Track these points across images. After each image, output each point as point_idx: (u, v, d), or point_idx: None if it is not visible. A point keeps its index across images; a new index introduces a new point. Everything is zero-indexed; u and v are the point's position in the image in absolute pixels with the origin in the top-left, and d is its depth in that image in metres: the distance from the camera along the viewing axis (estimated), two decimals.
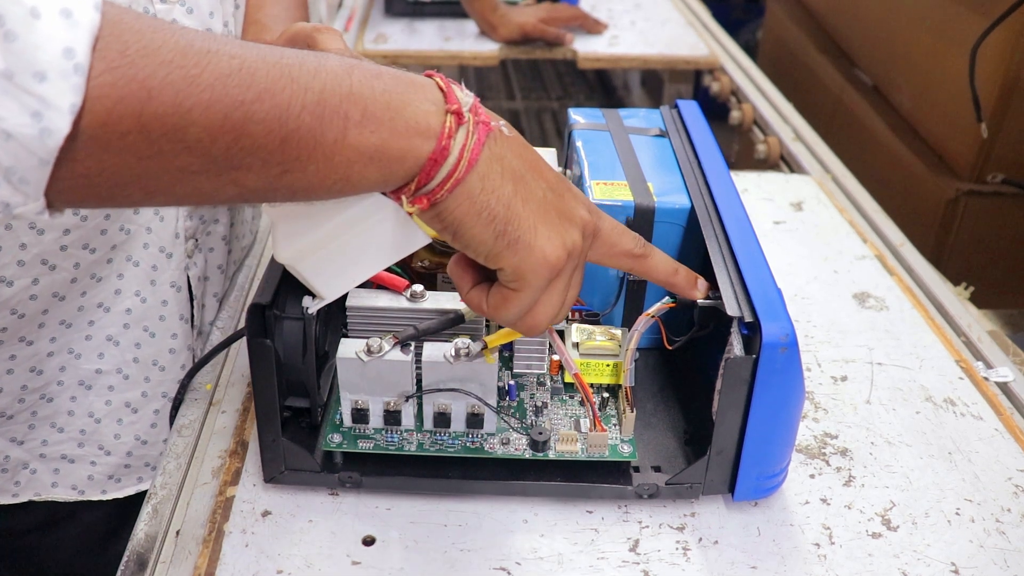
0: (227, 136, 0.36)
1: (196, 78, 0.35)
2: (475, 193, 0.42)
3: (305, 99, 0.38)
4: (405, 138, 0.40)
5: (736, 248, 0.57)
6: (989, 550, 0.55)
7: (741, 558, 0.54)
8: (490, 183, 0.42)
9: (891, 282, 0.81)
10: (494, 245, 0.43)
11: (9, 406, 0.68)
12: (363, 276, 0.54)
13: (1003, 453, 0.62)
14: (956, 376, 0.70)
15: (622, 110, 0.75)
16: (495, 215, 0.42)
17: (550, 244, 0.44)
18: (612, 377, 0.60)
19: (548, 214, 0.44)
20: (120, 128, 0.34)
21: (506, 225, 0.43)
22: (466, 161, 0.41)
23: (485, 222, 0.42)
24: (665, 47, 1.40)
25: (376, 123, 0.39)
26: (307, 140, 0.38)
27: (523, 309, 0.45)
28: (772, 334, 0.50)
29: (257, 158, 0.37)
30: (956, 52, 1.26)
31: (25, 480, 0.71)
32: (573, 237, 0.45)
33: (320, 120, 0.38)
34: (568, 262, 0.45)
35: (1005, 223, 1.32)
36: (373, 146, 0.39)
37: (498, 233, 0.43)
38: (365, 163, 0.40)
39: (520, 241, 0.43)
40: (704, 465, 0.55)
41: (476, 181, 0.42)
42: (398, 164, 0.40)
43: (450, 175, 0.41)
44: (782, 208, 0.94)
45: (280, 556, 0.53)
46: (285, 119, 0.37)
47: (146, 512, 0.58)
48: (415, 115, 0.40)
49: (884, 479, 0.60)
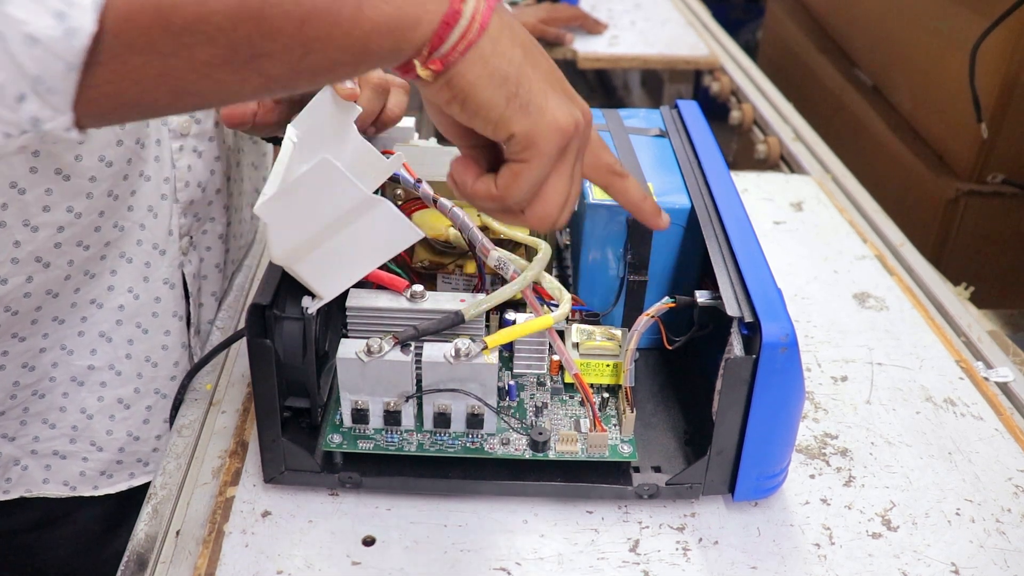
0: (247, 23, 0.36)
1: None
2: (487, 55, 0.42)
3: None
4: (418, 3, 0.40)
5: (736, 248, 0.57)
6: (989, 550, 0.55)
7: (741, 558, 0.54)
8: (501, 47, 0.42)
9: (891, 282, 0.81)
10: (506, 108, 0.43)
11: (1, 402, 0.68)
12: (359, 274, 0.54)
13: (1003, 453, 0.62)
14: (956, 376, 0.70)
15: (622, 110, 0.75)
16: (507, 77, 0.42)
17: (560, 110, 0.44)
18: (612, 377, 0.60)
19: (555, 86, 0.44)
20: (142, 22, 0.34)
21: (517, 87, 0.43)
22: (478, 23, 0.41)
23: (497, 84, 0.42)
24: (665, 47, 1.40)
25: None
26: (325, 18, 0.38)
27: (534, 183, 0.45)
28: (772, 334, 0.50)
29: (278, 43, 0.37)
30: (956, 52, 1.26)
31: (16, 477, 0.71)
32: (577, 114, 0.45)
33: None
34: (575, 135, 0.45)
35: (1005, 223, 1.32)
36: (388, 15, 0.39)
37: (510, 95, 0.43)
38: (382, 34, 0.40)
39: (532, 104, 0.43)
40: (704, 465, 0.55)
41: (488, 43, 0.42)
42: (412, 31, 0.40)
43: (463, 36, 0.41)
44: (782, 208, 0.94)
45: (280, 556, 0.53)
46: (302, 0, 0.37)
47: (146, 512, 0.58)
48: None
49: (884, 479, 0.60)
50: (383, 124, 0.65)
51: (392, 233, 0.51)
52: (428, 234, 0.62)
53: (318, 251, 0.52)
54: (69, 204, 0.63)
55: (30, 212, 0.62)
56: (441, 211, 0.59)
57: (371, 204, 0.50)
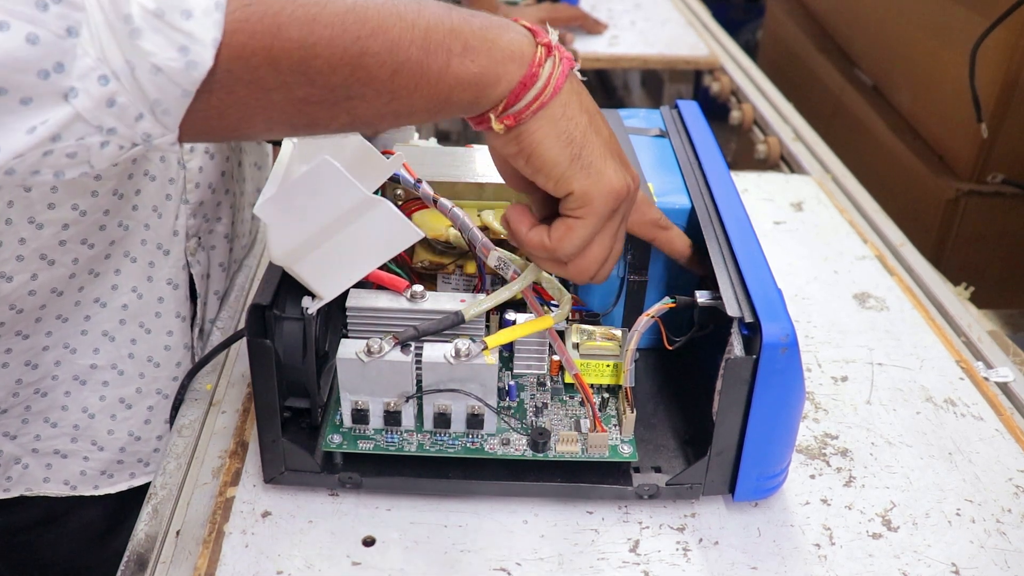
0: (345, 68, 0.40)
1: (318, 16, 0.39)
2: (556, 117, 0.46)
3: (413, 35, 0.41)
4: (501, 64, 0.44)
5: (736, 248, 0.57)
6: (990, 551, 0.55)
7: (741, 559, 0.54)
8: (570, 111, 0.46)
9: (891, 282, 0.81)
10: (568, 167, 0.46)
11: (3, 400, 0.68)
12: (359, 275, 0.54)
13: (1003, 453, 0.62)
14: (956, 376, 0.69)
15: (622, 110, 0.75)
16: (572, 139, 0.46)
17: (616, 175, 0.47)
18: (612, 377, 0.60)
19: (613, 152, 0.48)
20: (253, 61, 0.38)
21: (581, 149, 0.46)
22: (552, 87, 0.45)
23: (563, 144, 0.46)
24: (665, 47, 1.40)
25: (475, 53, 0.43)
26: (415, 71, 0.42)
27: (585, 239, 0.48)
28: (772, 334, 0.50)
29: (371, 88, 0.41)
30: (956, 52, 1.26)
31: (17, 475, 0.71)
32: (629, 180, 0.48)
33: (426, 53, 0.42)
34: (626, 199, 0.48)
35: (1005, 223, 1.32)
36: (473, 74, 0.44)
37: (573, 156, 0.46)
38: (464, 88, 0.44)
39: (593, 166, 0.47)
40: (704, 465, 0.55)
41: (558, 107, 0.46)
42: (492, 88, 0.44)
43: (536, 97, 0.45)
44: (782, 208, 0.94)
45: (280, 557, 0.53)
46: (396, 52, 0.41)
47: (146, 512, 0.58)
48: (510, 45, 0.44)
49: (884, 479, 0.60)
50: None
51: (392, 233, 0.51)
52: (428, 234, 0.62)
53: (318, 251, 0.52)
54: (74, 202, 0.63)
55: (35, 209, 0.62)
56: (441, 211, 0.59)
57: (371, 204, 0.50)
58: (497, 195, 0.67)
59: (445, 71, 0.43)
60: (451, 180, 0.66)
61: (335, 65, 0.40)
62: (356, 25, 0.40)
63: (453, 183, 0.66)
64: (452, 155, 0.70)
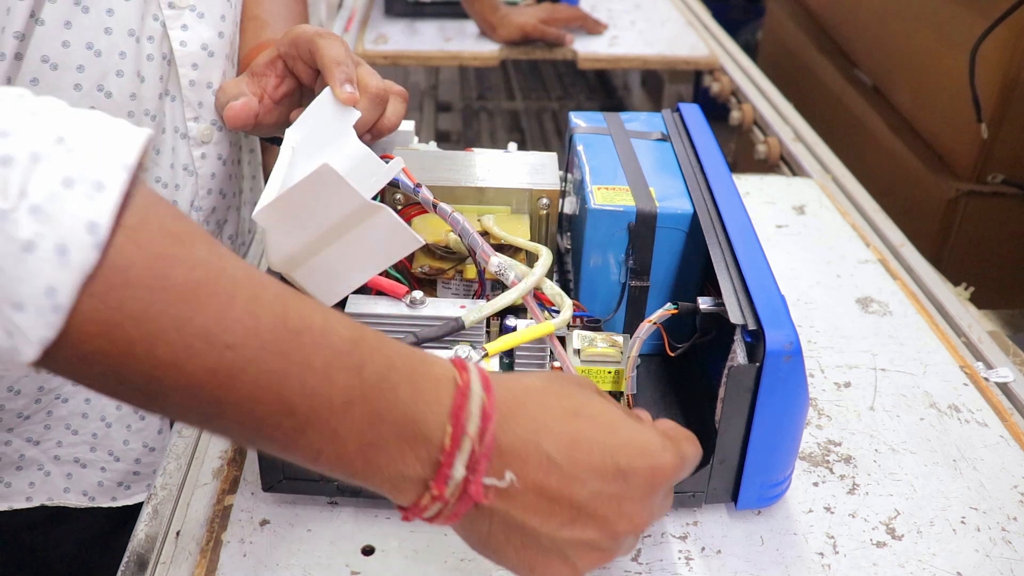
0: (206, 411, 0.36)
1: (183, 364, 0.34)
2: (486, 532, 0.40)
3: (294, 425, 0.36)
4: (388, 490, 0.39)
5: (739, 254, 0.57)
6: (995, 559, 0.54)
7: (744, 567, 0.53)
8: (471, 538, 0.41)
9: (894, 287, 0.81)
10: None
11: (27, 407, 0.68)
12: (358, 282, 0.53)
13: (1008, 460, 0.62)
14: (960, 382, 0.69)
15: (623, 114, 0.75)
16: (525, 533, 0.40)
17: (636, 518, 0.41)
18: (614, 384, 0.59)
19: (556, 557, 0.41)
20: (93, 369, 0.34)
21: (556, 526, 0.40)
22: (443, 519, 0.39)
23: (517, 546, 0.41)
24: (665, 47, 1.40)
25: (359, 475, 0.38)
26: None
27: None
28: (776, 342, 0.50)
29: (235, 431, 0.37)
30: (956, 52, 1.25)
31: (39, 482, 0.71)
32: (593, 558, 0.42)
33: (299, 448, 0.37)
34: (668, 478, 0.42)
35: (1005, 223, 1.32)
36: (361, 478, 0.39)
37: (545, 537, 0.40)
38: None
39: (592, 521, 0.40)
40: (707, 474, 0.54)
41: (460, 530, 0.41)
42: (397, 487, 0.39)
43: (433, 517, 0.40)
44: (784, 212, 0.93)
45: (278, 566, 0.52)
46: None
47: (146, 513, 0.57)
48: (392, 477, 0.38)
49: (888, 487, 0.59)
50: (379, 133, 0.64)
51: (392, 240, 0.51)
52: (428, 239, 0.61)
53: (317, 257, 0.52)
54: None
55: None
56: (441, 216, 0.58)
57: (371, 211, 0.49)
58: (497, 199, 0.66)
59: (330, 463, 0.38)
60: (451, 184, 0.65)
61: (192, 405, 0.35)
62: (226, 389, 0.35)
63: (453, 187, 0.65)
64: (452, 159, 0.69)
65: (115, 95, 0.62)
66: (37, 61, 0.59)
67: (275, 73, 0.67)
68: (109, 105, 0.62)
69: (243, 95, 0.66)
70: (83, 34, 0.60)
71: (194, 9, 0.67)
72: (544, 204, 0.66)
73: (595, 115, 0.74)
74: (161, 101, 0.66)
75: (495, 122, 1.76)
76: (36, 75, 0.59)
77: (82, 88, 0.61)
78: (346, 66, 0.61)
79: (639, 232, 0.61)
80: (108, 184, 0.33)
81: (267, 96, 0.67)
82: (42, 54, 0.59)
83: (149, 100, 0.65)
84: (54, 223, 0.32)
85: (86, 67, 0.61)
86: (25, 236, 0.32)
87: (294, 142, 0.61)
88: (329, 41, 0.62)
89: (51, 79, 0.60)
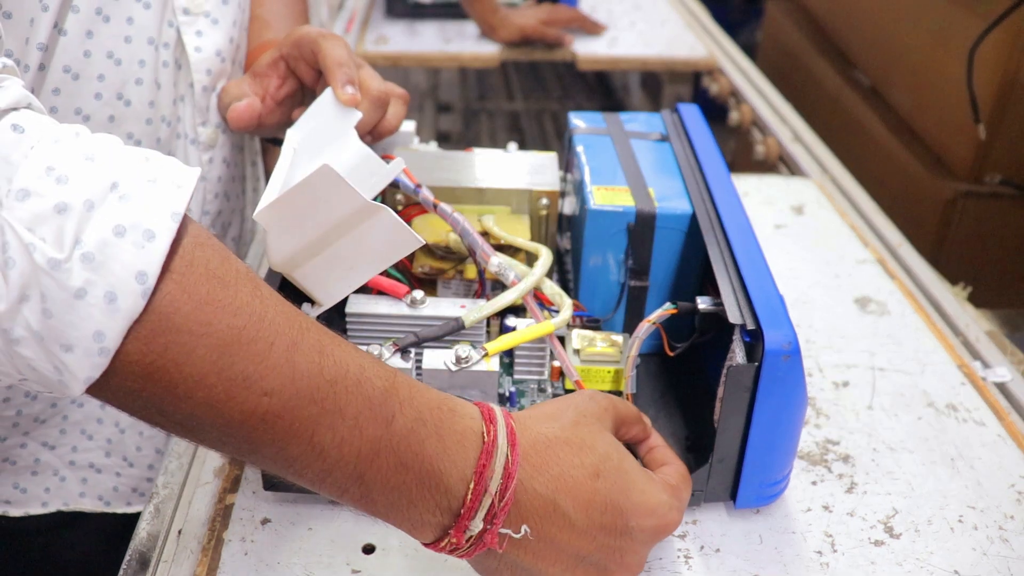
0: (241, 447, 0.38)
1: (221, 407, 0.36)
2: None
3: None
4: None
5: (738, 254, 0.57)
6: (992, 558, 0.54)
7: (743, 566, 0.53)
8: (479, 569, 0.44)
9: (892, 286, 0.81)
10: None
11: (43, 411, 0.68)
12: (359, 282, 0.54)
13: (1006, 459, 0.62)
14: (958, 381, 0.69)
15: (623, 114, 0.75)
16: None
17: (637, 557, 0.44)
18: (613, 383, 0.59)
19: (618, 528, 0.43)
20: (135, 403, 0.36)
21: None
22: (457, 555, 0.42)
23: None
24: (664, 48, 1.40)
25: (381, 515, 0.41)
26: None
27: None
28: (775, 342, 0.50)
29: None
30: (954, 53, 1.25)
31: (54, 488, 0.71)
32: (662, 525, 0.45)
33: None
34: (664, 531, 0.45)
35: (1003, 224, 1.32)
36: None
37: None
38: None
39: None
40: (706, 472, 0.54)
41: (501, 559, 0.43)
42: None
43: (448, 552, 0.42)
44: (783, 212, 0.93)
45: (280, 565, 0.52)
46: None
47: (148, 511, 0.58)
48: (412, 520, 0.41)
49: (886, 486, 0.59)
50: (380, 135, 0.65)
51: (392, 240, 0.51)
52: (428, 239, 0.62)
53: (318, 257, 0.52)
54: None
55: None
56: (441, 216, 0.59)
57: (371, 211, 0.49)
58: (497, 199, 0.66)
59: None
60: (451, 185, 0.66)
61: (228, 440, 0.38)
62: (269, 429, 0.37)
63: (453, 188, 0.66)
64: (452, 159, 0.69)
65: (134, 103, 0.62)
66: (59, 71, 0.59)
67: (277, 74, 0.68)
68: (128, 113, 0.62)
69: (246, 96, 0.67)
70: (104, 43, 0.60)
71: (208, 15, 0.67)
72: (544, 204, 0.66)
73: (594, 115, 0.74)
74: (176, 107, 0.66)
75: (495, 123, 1.76)
76: (58, 85, 0.59)
77: (102, 97, 0.61)
78: (348, 67, 0.61)
79: (638, 232, 0.62)
80: (158, 233, 0.34)
81: (269, 97, 0.68)
82: (64, 64, 0.59)
83: (165, 106, 0.65)
84: (104, 271, 0.34)
85: (107, 76, 0.61)
86: (77, 284, 0.33)
87: (295, 142, 0.61)
88: (332, 42, 0.62)
89: (72, 89, 0.59)
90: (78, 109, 0.60)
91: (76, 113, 0.60)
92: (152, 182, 0.36)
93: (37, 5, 0.55)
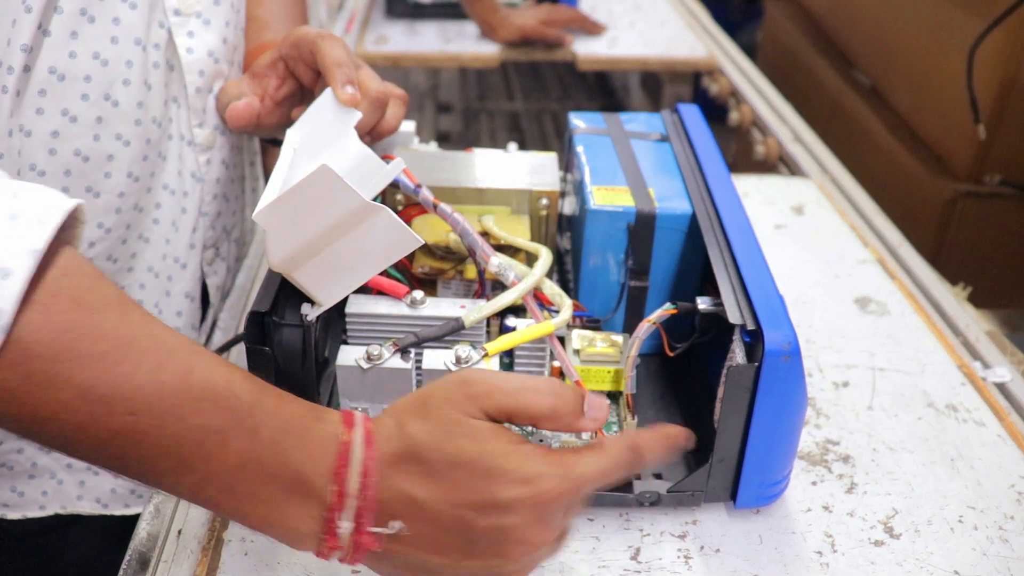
0: (113, 464, 0.39)
1: (87, 427, 0.37)
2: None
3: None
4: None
5: (738, 254, 0.57)
6: (992, 558, 0.54)
7: (743, 566, 0.53)
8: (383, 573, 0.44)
9: (892, 286, 0.81)
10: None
11: None
12: (358, 281, 0.53)
13: (1006, 459, 0.62)
14: (958, 382, 0.69)
15: (623, 114, 0.75)
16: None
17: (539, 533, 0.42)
18: (613, 384, 0.59)
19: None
20: (5, 426, 0.38)
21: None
22: (349, 561, 0.42)
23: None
24: (664, 49, 1.40)
25: (258, 527, 0.41)
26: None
27: None
28: (775, 342, 0.50)
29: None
30: (954, 53, 1.26)
31: (52, 491, 0.71)
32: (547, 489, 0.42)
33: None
34: (561, 499, 0.42)
35: (1003, 224, 1.32)
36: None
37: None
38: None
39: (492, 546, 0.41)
40: (706, 473, 0.54)
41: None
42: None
43: (340, 559, 0.42)
44: (783, 212, 0.93)
45: (279, 565, 0.52)
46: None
47: (148, 512, 0.58)
48: (288, 531, 0.41)
49: (886, 486, 0.59)
50: (379, 135, 0.65)
51: (392, 240, 0.51)
52: (428, 239, 0.62)
53: (317, 258, 0.52)
54: (100, 220, 0.64)
55: None
56: (441, 216, 0.59)
57: (370, 211, 0.49)
58: (497, 200, 0.66)
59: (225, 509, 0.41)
60: (451, 185, 0.66)
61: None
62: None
63: (453, 188, 0.66)
64: (452, 160, 0.69)
65: (122, 104, 0.62)
66: (45, 72, 0.58)
67: (276, 74, 0.67)
68: (116, 114, 0.62)
69: (244, 96, 0.67)
70: (90, 44, 0.60)
71: (200, 16, 0.66)
72: (544, 204, 0.66)
73: (594, 116, 0.74)
74: (167, 108, 0.66)
75: (495, 123, 1.77)
76: (44, 87, 0.59)
77: (89, 98, 0.61)
78: (347, 68, 0.61)
79: (638, 232, 0.62)
80: (15, 270, 0.36)
81: (268, 97, 0.67)
82: (49, 65, 0.58)
83: (156, 108, 0.65)
84: None
85: (93, 77, 0.60)
86: None
87: (295, 143, 0.61)
88: (331, 43, 0.62)
89: (58, 90, 0.59)
90: (65, 110, 0.60)
91: (63, 114, 0.60)
92: (13, 218, 0.37)
93: (20, 6, 0.55)
